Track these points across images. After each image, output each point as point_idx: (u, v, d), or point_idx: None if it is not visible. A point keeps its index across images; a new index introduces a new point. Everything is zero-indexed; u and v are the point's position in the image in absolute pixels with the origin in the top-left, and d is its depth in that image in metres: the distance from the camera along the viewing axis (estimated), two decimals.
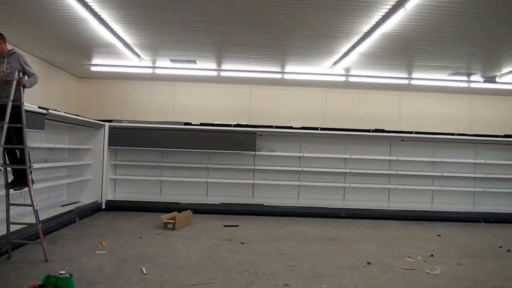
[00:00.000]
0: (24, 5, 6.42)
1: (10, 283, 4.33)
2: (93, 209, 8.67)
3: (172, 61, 9.68)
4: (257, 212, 9.19)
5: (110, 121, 9.31)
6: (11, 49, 5.45)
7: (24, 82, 5.26)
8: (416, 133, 9.85)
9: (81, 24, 7.11)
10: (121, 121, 9.48)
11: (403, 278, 5.01)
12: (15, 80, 5.07)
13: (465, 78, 10.32)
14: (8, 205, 5.25)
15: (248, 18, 6.72)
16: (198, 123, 9.43)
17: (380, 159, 9.90)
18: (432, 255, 6.14)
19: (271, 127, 9.58)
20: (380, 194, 10.00)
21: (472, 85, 10.68)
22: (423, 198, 10.07)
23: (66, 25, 7.24)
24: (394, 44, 7.73)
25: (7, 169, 5.38)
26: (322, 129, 9.63)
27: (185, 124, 9.39)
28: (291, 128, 9.67)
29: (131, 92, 12.03)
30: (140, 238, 6.62)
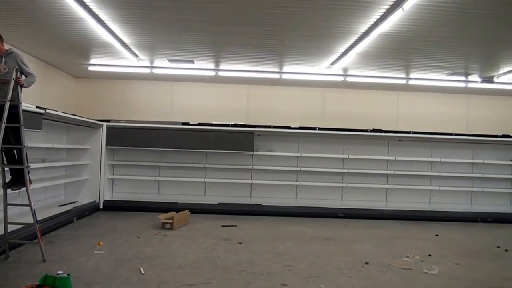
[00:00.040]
0: (22, 5, 6.41)
1: (8, 283, 4.32)
2: (91, 209, 8.65)
3: (170, 61, 9.68)
4: (255, 212, 9.18)
5: (108, 121, 9.28)
6: (9, 49, 5.44)
7: (22, 82, 5.24)
8: (414, 133, 9.85)
9: (79, 24, 7.11)
10: (119, 121, 9.46)
11: (401, 278, 5.01)
12: (13, 80, 5.06)
13: (463, 78, 10.36)
14: (6, 205, 5.24)
15: (246, 18, 6.73)
16: (196, 123, 9.40)
17: (378, 159, 9.90)
18: (430, 255, 6.14)
19: (269, 127, 9.56)
20: (378, 194, 10.00)
21: (470, 85, 10.71)
22: (421, 198, 10.07)
23: (64, 25, 7.24)
24: (392, 44, 7.75)
25: (5, 169, 5.38)
26: (320, 129, 9.61)
27: (183, 124, 9.37)
28: (289, 128, 9.65)
29: (129, 92, 12.03)
30: (138, 238, 6.61)
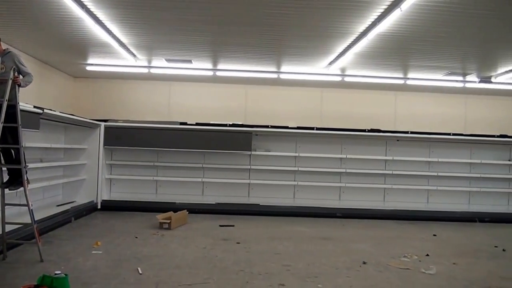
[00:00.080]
0: (20, 5, 6.39)
1: (6, 283, 4.31)
2: (89, 209, 8.64)
3: (168, 61, 9.67)
4: (253, 212, 9.18)
5: (106, 121, 9.27)
6: (6, 49, 5.43)
7: (20, 81, 5.23)
8: (412, 133, 9.87)
9: (77, 24, 7.09)
10: (117, 121, 9.44)
11: (399, 278, 5.02)
12: (11, 80, 5.05)
13: (461, 78, 10.38)
14: (3, 205, 5.23)
15: (244, 18, 6.72)
16: (194, 123, 9.40)
17: (376, 159, 9.92)
18: (428, 255, 6.15)
19: (267, 127, 9.57)
20: (376, 194, 10.02)
21: (468, 85, 10.73)
22: (419, 198, 10.09)
23: (62, 25, 7.22)
24: (390, 44, 7.76)
25: (2, 169, 5.36)
26: (318, 129, 9.62)
27: (181, 124, 9.36)
28: (287, 128, 9.66)
29: (127, 92, 12.01)
30: (136, 238, 6.60)
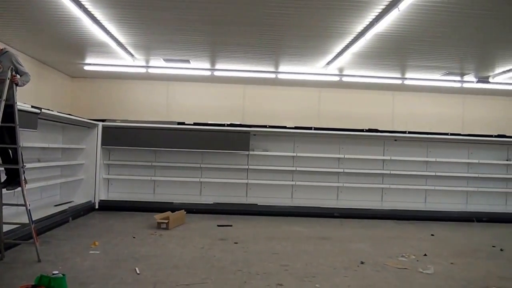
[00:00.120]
0: (17, 4, 6.38)
1: (3, 283, 4.30)
2: (86, 209, 8.62)
3: (166, 61, 9.66)
4: (251, 212, 9.18)
5: (104, 121, 9.25)
6: (3, 48, 5.41)
7: (17, 80, 5.21)
8: (410, 133, 9.88)
9: (75, 23, 7.09)
10: (115, 121, 9.43)
11: (397, 278, 5.03)
12: (8, 79, 5.03)
13: (459, 78, 10.40)
14: (1, 205, 5.21)
15: (243, 18, 6.72)
16: (192, 123, 9.39)
17: (374, 159, 9.92)
18: (426, 255, 6.16)
19: (265, 127, 9.56)
20: (374, 194, 10.02)
21: (466, 85, 10.76)
22: (417, 198, 10.10)
23: (60, 24, 7.21)
24: (388, 44, 7.77)
25: (0, 169, 5.35)
26: (316, 129, 9.62)
27: (179, 124, 9.35)
28: (285, 128, 9.66)
29: (125, 92, 12.00)
30: (134, 238, 6.59)
